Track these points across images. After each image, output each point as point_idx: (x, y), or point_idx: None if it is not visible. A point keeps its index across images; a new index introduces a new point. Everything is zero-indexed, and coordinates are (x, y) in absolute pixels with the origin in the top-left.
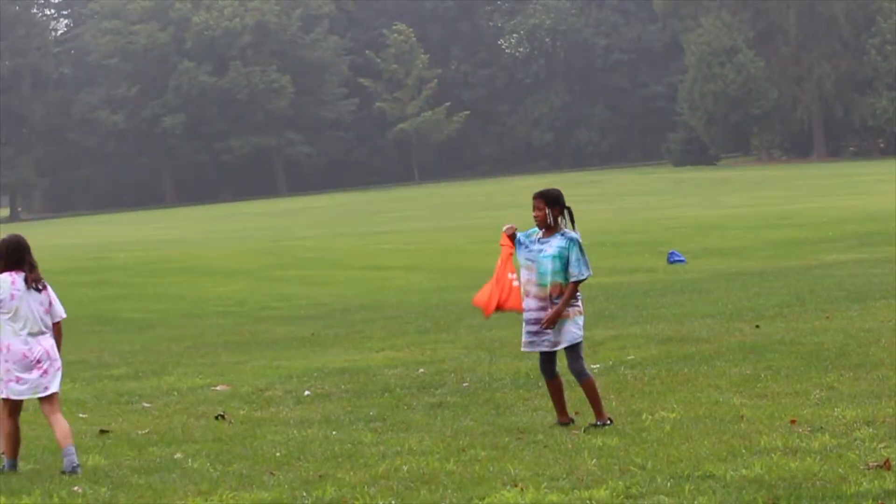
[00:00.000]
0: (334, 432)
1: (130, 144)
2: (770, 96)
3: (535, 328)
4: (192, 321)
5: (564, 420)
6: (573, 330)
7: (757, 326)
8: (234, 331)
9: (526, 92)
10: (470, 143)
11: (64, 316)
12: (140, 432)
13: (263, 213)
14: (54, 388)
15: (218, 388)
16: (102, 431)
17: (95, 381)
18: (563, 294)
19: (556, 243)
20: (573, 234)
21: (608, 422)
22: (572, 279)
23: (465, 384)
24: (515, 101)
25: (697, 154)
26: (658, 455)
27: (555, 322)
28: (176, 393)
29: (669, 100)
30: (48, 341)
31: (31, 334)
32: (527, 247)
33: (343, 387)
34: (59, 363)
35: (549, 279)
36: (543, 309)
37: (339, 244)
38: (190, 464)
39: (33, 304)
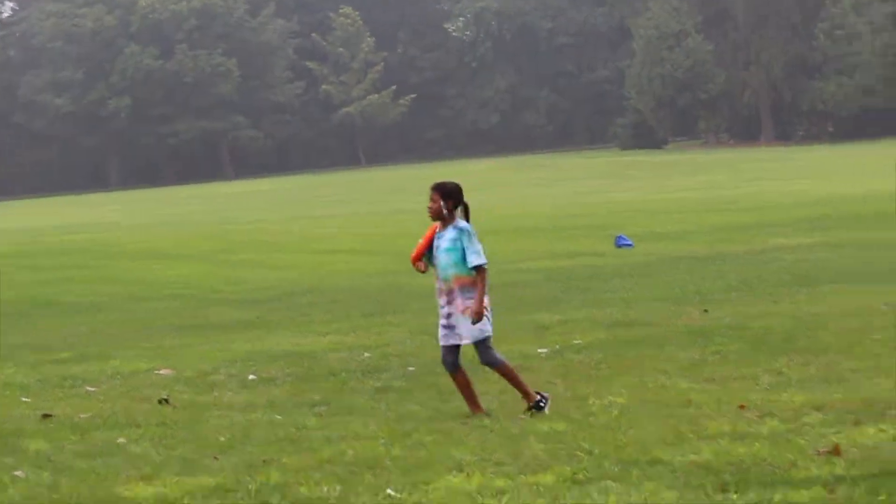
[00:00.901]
0: (279, 417)
1: (76, 128)
2: (718, 80)
3: (445, 321)
4: (138, 304)
5: (478, 411)
6: (479, 326)
7: (705, 311)
8: (179, 314)
9: (472, 75)
10: (417, 126)
11: None
12: (83, 416)
13: (210, 197)
14: None
15: (162, 371)
16: (45, 416)
17: (39, 365)
18: (468, 286)
19: (448, 236)
20: (463, 224)
21: (542, 401)
22: (469, 267)
23: (410, 369)
24: (462, 84)
25: (645, 138)
26: (605, 440)
27: (481, 314)
28: (119, 377)
29: (617, 83)
30: None
31: None
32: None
33: (288, 371)
34: None
35: (449, 272)
36: (450, 303)
37: (285, 228)
38: (133, 448)
39: None
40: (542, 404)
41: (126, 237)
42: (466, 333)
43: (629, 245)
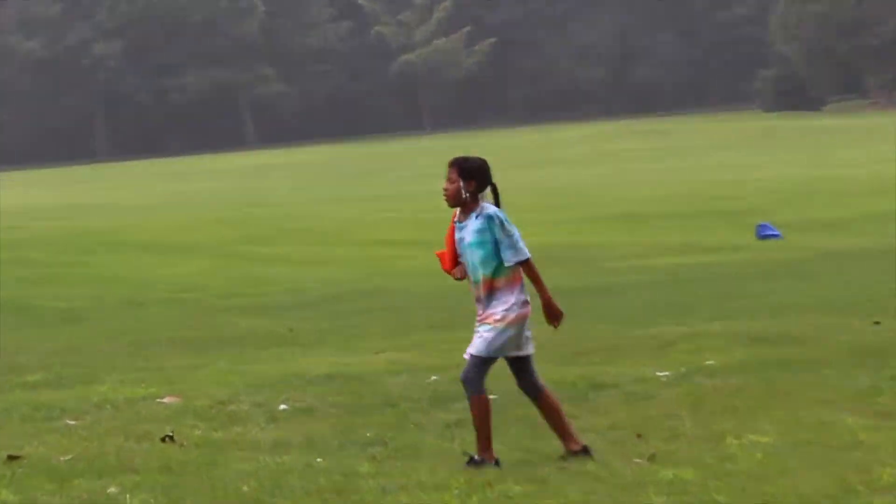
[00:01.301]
0: (319, 459)
1: (52, 80)
2: (891, 22)
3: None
4: (132, 311)
5: (574, 448)
6: (486, 336)
7: (877, 323)
8: (187, 324)
9: (569, 15)
10: (496, 81)
11: None
12: (62, 458)
13: (226, 171)
14: None
15: (165, 400)
16: (12, 458)
17: (5, 391)
18: (502, 290)
19: (472, 227)
20: (491, 210)
21: (482, 461)
22: (508, 265)
23: (491, 396)
24: (555, 27)
25: (796, 96)
26: (747, 491)
27: (560, 313)
28: (110, 406)
29: (760, 25)
30: None
31: None
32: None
33: (331, 399)
34: None
35: (478, 274)
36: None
37: (325, 212)
38: (128, 500)
39: None
40: (476, 459)
41: (117, 223)
42: (476, 345)
43: (776, 236)
